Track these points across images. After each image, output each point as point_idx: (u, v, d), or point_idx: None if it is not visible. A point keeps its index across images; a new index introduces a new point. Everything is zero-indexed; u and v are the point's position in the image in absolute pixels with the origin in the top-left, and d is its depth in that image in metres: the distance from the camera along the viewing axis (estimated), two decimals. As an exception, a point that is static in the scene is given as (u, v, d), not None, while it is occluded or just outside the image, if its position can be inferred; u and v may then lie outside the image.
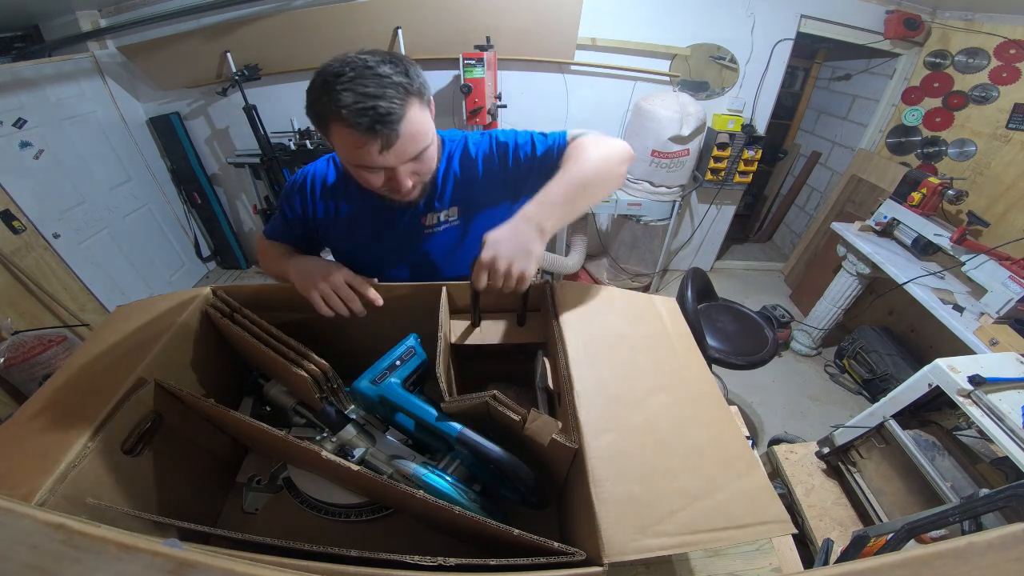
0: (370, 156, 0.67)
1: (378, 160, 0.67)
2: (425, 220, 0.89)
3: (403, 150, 0.68)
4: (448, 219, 0.90)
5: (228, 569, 0.30)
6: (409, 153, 0.69)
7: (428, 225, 0.89)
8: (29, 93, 2.20)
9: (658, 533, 0.44)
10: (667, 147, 2.50)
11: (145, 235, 2.89)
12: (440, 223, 0.90)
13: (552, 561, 0.43)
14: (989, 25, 2.25)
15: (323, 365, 0.66)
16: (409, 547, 0.43)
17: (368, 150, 0.66)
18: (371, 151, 0.66)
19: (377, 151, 0.66)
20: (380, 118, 0.63)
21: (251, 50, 2.46)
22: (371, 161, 0.68)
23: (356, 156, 0.68)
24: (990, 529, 0.33)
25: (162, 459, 0.62)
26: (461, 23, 2.39)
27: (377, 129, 0.63)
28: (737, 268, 3.68)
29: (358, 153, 0.67)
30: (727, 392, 2.35)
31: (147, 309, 0.71)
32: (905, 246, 2.24)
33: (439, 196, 0.88)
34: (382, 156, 0.67)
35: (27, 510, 0.30)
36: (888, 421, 1.31)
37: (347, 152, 0.69)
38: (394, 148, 0.67)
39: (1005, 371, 1.15)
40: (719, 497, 0.47)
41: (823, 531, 1.36)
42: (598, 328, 0.70)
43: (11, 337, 1.91)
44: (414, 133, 0.68)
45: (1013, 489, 0.85)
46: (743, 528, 0.44)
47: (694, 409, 0.57)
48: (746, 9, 2.50)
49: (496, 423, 0.62)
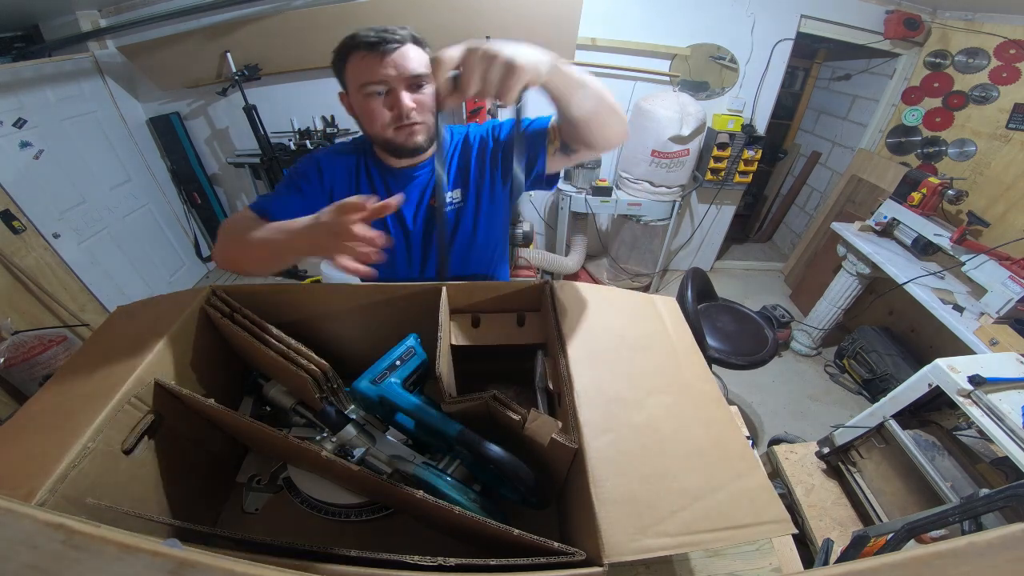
0: (373, 67, 0.77)
1: (380, 71, 0.77)
2: (435, 202, 0.93)
3: (403, 64, 0.78)
4: (453, 200, 0.94)
5: (228, 569, 0.30)
6: (409, 69, 0.78)
7: (435, 206, 0.93)
8: (29, 93, 2.20)
9: (658, 533, 0.44)
10: (667, 147, 2.50)
11: (145, 235, 2.89)
12: (446, 204, 0.93)
13: (552, 561, 0.43)
14: (989, 25, 2.25)
15: (323, 365, 0.66)
16: (409, 547, 0.43)
17: (372, 60, 0.77)
18: (375, 61, 0.77)
19: (380, 60, 0.77)
20: (385, 33, 0.77)
21: (251, 50, 2.46)
22: (374, 73, 0.77)
23: (362, 72, 0.78)
24: (990, 529, 0.33)
25: (162, 459, 0.62)
26: (461, 23, 2.39)
27: (383, 37, 0.76)
28: (737, 268, 3.68)
29: (365, 66, 0.78)
30: (727, 392, 2.35)
31: (147, 309, 0.71)
32: (905, 246, 2.24)
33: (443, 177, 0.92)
34: (383, 66, 0.77)
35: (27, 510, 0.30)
36: (888, 421, 1.31)
37: (356, 73, 0.79)
38: (393, 58, 0.77)
39: (1005, 371, 1.15)
40: (719, 497, 0.47)
41: (823, 531, 1.36)
42: (598, 328, 0.69)
43: (11, 337, 1.90)
44: (413, 56, 0.79)
45: (1013, 489, 0.85)
46: (743, 528, 0.44)
47: (694, 409, 0.57)
48: (746, 9, 2.50)
49: (496, 423, 0.62)
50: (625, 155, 2.78)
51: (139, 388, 0.58)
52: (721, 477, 0.48)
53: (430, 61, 0.60)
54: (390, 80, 0.78)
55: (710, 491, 0.47)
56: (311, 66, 2.56)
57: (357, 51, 0.78)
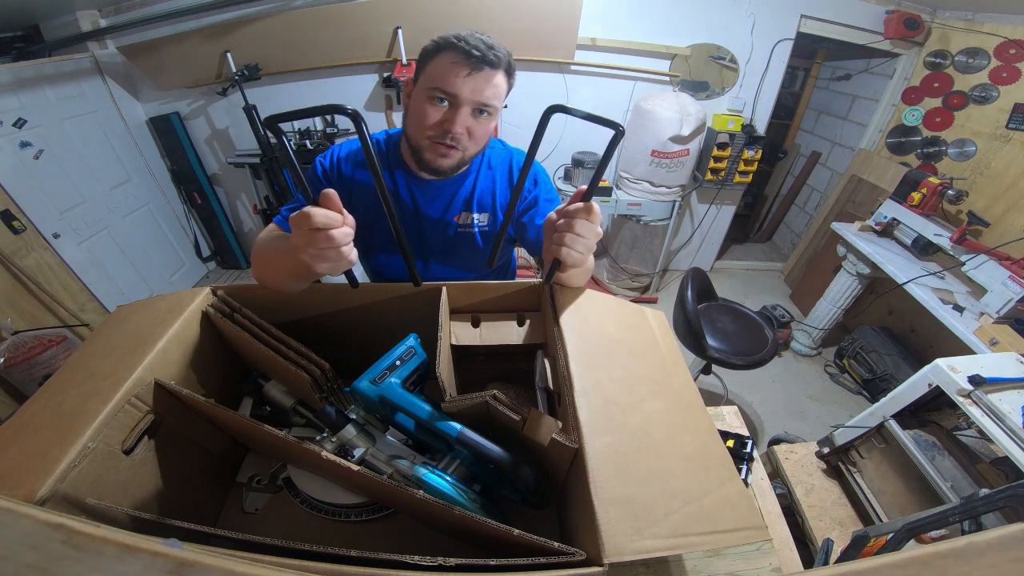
0: (456, 77, 0.74)
1: (459, 83, 0.74)
2: (459, 218, 0.92)
3: (481, 87, 0.75)
4: (479, 224, 0.93)
5: (228, 569, 0.30)
6: (484, 95, 0.76)
7: (461, 224, 0.93)
8: (29, 93, 2.20)
9: (654, 535, 0.45)
10: (667, 147, 2.50)
11: (145, 235, 2.89)
12: (473, 224, 0.93)
13: (552, 561, 0.43)
14: (989, 25, 2.25)
15: (323, 365, 0.66)
16: (409, 547, 0.43)
17: (459, 70, 0.74)
18: (460, 71, 0.74)
19: (466, 73, 0.74)
20: (488, 49, 0.74)
21: (251, 50, 2.46)
22: (453, 83, 0.74)
23: (444, 74, 0.75)
24: (990, 529, 0.33)
25: (162, 459, 0.62)
26: (461, 23, 2.39)
27: (482, 53, 0.73)
28: (737, 268, 3.68)
29: (449, 70, 0.74)
30: (727, 392, 2.35)
31: (147, 309, 0.71)
32: (905, 246, 2.24)
33: (475, 197, 0.91)
34: (464, 80, 0.74)
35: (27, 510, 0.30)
36: (888, 421, 1.31)
37: (437, 71, 0.76)
38: (477, 78, 0.75)
39: (1005, 371, 1.15)
40: (705, 502, 0.48)
41: (823, 531, 1.36)
42: (595, 332, 0.70)
43: (11, 337, 1.91)
44: (495, 84, 0.77)
45: (1013, 489, 0.85)
46: (727, 533, 0.46)
47: (683, 417, 0.58)
48: (746, 9, 2.50)
49: (496, 423, 0.62)
50: (625, 155, 2.78)
51: (139, 388, 0.58)
52: (707, 483, 0.50)
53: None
54: (461, 97, 0.75)
55: (698, 496, 0.48)
56: (311, 66, 2.56)
57: (452, 52, 0.74)
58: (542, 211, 0.88)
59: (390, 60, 2.52)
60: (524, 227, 0.90)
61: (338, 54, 2.52)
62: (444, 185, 0.91)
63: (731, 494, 0.48)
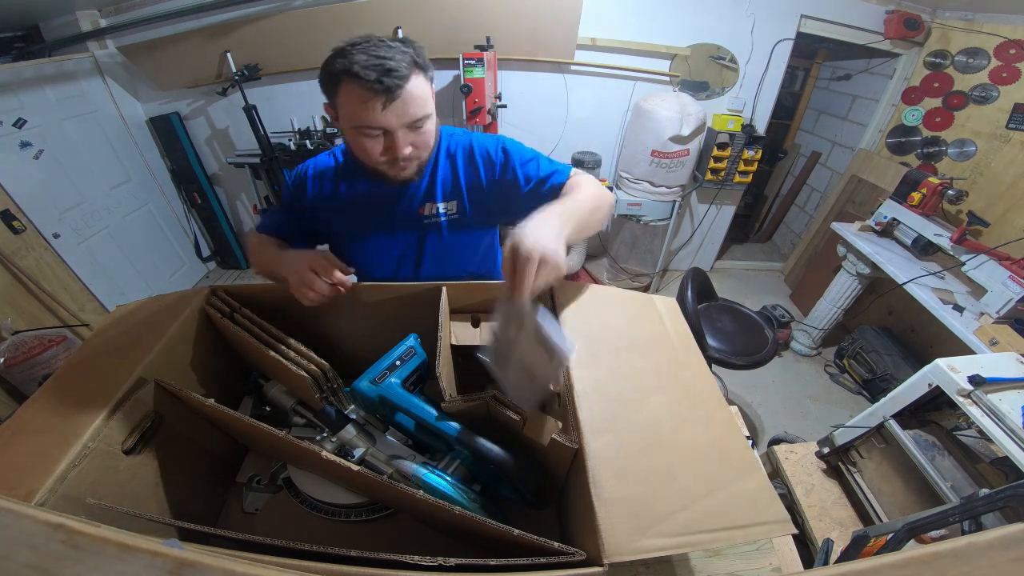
0: (373, 113, 0.71)
1: (379, 118, 0.71)
2: (424, 210, 0.91)
3: (404, 110, 0.72)
4: (448, 212, 0.92)
5: (228, 569, 0.30)
6: (410, 115, 0.73)
7: (427, 215, 0.92)
8: (29, 93, 2.20)
9: (658, 533, 0.44)
10: (667, 147, 2.50)
11: (145, 235, 2.89)
12: (439, 214, 0.92)
13: (552, 561, 0.43)
14: (989, 25, 2.25)
15: (323, 365, 0.66)
16: (409, 547, 0.43)
17: (372, 105, 0.70)
18: (375, 107, 0.70)
19: (380, 107, 0.70)
20: (387, 72, 0.69)
21: (251, 50, 2.46)
22: (373, 119, 0.72)
23: (360, 113, 0.72)
24: (990, 529, 0.33)
25: (162, 459, 0.62)
26: (461, 23, 2.39)
27: (384, 82, 0.68)
28: (737, 268, 3.68)
29: (363, 109, 0.71)
30: (727, 392, 2.35)
31: (147, 309, 0.71)
32: (905, 246, 2.24)
33: (437, 187, 0.90)
34: (384, 113, 0.71)
35: (27, 510, 0.30)
36: (888, 421, 1.31)
37: (352, 110, 0.73)
38: (395, 105, 0.71)
39: (1005, 371, 1.14)
40: (719, 497, 0.47)
41: (823, 531, 1.36)
42: (598, 328, 0.70)
43: (11, 337, 1.91)
44: (416, 96, 0.73)
45: (1013, 489, 0.85)
46: (743, 529, 0.44)
47: (694, 409, 0.57)
48: (746, 9, 2.50)
49: (496, 423, 0.62)
50: (625, 155, 2.78)
51: (139, 388, 0.58)
52: (721, 477, 0.48)
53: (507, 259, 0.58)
54: (391, 127, 0.73)
55: (710, 491, 0.47)
56: (311, 66, 2.56)
57: (353, 85, 0.70)
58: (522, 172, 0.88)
59: (390, 60, 2.51)
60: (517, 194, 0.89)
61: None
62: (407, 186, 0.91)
63: (749, 488, 0.47)
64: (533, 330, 0.56)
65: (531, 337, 0.57)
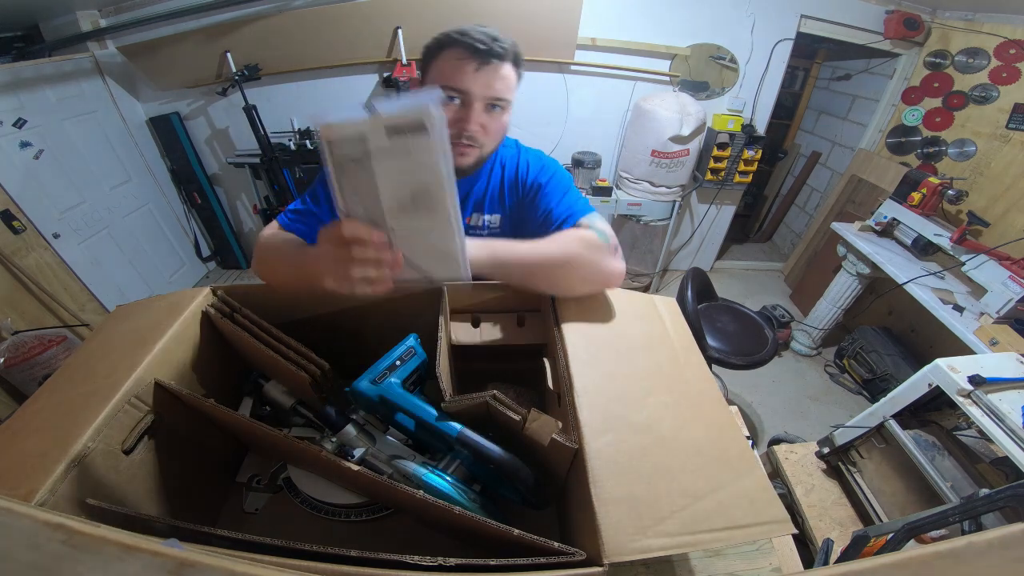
0: (464, 73, 0.72)
1: (468, 79, 0.72)
2: (470, 220, 0.91)
3: (492, 81, 0.73)
4: (491, 225, 0.91)
5: (228, 569, 0.30)
6: (495, 89, 0.74)
7: (472, 225, 0.92)
8: (29, 93, 2.19)
9: (658, 533, 0.44)
10: (667, 147, 2.50)
11: (145, 235, 2.89)
12: (484, 226, 0.91)
13: (552, 561, 0.43)
14: (989, 25, 2.25)
15: (323, 365, 0.66)
16: (409, 547, 0.43)
17: (466, 65, 0.72)
18: (469, 67, 0.72)
19: (473, 68, 0.72)
20: (493, 41, 0.72)
21: (251, 50, 2.46)
22: (461, 79, 0.72)
23: (451, 73, 0.73)
24: (990, 529, 0.33)
25: (162, 459, 0.62)
26: (461, 23, 2.39)
27: (488, 46, 0.71)
28: (737, 268, 3.68)
29: (456, 68, 0.73)
30: (727, 392, 2.35)
31: (147, 309, 0.71)
32: (905, 246, 2.24)
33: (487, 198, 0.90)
34: (474, 76, 0.72)
35: (27, 510, 0.30)
36: (888, 421, 1.31)
37: (443, 70, 0.74)
38: (487, 71, 0.72)
39: (1005, 371, 1.15)
40: (719, 497, 0.47)
41: (823, 531, 1.36)
42: (598, 328, 0.69)
43: (11, 337, 1.91)
44: (505, 77, 0.75)
45: (1013, 489, 0.85)
46: (743, 528, 0.44)
47: (694, 409, 0.57)
48: (746, 9, 2.50)
49: (496, 423, 0.62)
50: (625, 155, 2.78)
51: (139, 388, 0.58)
52: (721, 477, 0.48)
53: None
54: (473, 94, 0.73)
55: (710, 491, 0.47)
56: (311, 66, 2.56)
57: (456, 48, 0.72)
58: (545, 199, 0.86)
59: (390, 60, 2.52)
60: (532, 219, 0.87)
61: (338, 54, 2.52)
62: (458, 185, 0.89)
63: (749, 488, 0.47)
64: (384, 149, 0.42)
65: (386, 166, 0.43)
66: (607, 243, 0.76)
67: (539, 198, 0.86)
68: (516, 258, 0.68)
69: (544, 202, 0.85)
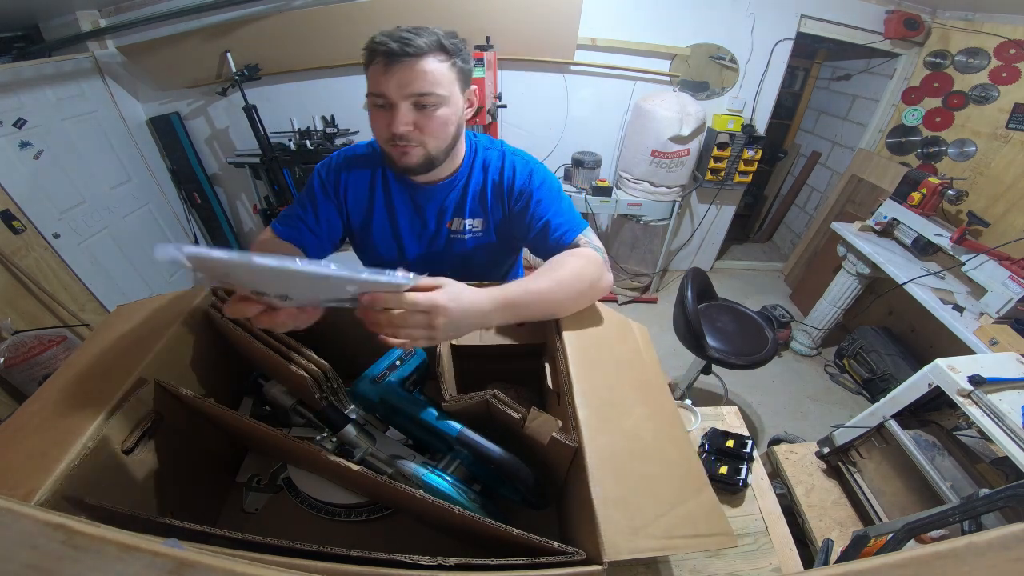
0: (376, 76, 0.72)
1: (381, 83, 0.71)
2: (452, 224, 0.91)
3: (406, 80, 0.71)
4: (472, 229, 0.91)
5: (228, 569, 0.30)
6: (412, 87, 0.71)
7: (454, 230, 0.91)
8: (29, 93, 2.19)
9: (648, 535, 0.45)
10: (667, 147, 2.50)
11: (145, 235, 2.89)
12: (465, 231, 0.91)
13: (552, 560, 0.43)
14: (989, 25, 2.25)
15: (323, 365, 0.66)
16: (409, 547, 0.43)
17: (377, 69, 0.72)
18: (379, 71, 0.71)
19: (386, 71, 0.71)
20: (399, 40, 0.70)
21: (251, 50, 2.46)
22: (375, 84, 0.72)
23: (372, 78, 0.73)
24: (990, 529, 0.33)
25: (162, 459, 0.62)
26: (461, 23, 2.39)
27: (389, 46, 0.69)
28: (737, 268, 3.68)
29: (371, 74, 0.73)
30: (727, 392, 2.34)
31: (147, 309, 0.71)
32: (905, 246, 2.24)
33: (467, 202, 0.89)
34: (385, 78, 0.71)
35: (27, 510, 0.30)
36: (888, 421, 1.31)
37: (369, 76, 0.74)
38: (397, 71, 0.70)
39: (1005, 371, 1.14)
40: (689, 506, 0.49)
41: (823, 531, 1.36)
42: (591, 336, 0.70)
43: (11, 337, 1.90)
44: (425, 72, 0.71)
45: (1013, 489, 0.85)
46: (705, 537, 0.47)
47: (666, 427, 0.59)
48: (746, 9, 2.50)
49: (496, 423, 0.62)
50: (625, 155, 2.78)
51: (139, 388, 0.58)
52: (687, 490, 0.51)
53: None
54: (390, 95, 0.72)
55: (681, 501, 0.50)
56: (311, 66, 2.56)
57: (374, 54, 0.72)
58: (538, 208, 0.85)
59: (390, 60, 2.51)
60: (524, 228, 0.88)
61: (338, 54, 2.51)
62: (438, 189, 0.89)
63: (705, 502, 0.50)
64: None
65: None
66: (604, 258, 0.80)
67: (532, 206, 0.85)
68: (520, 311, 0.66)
69: (540, 210, 0.85)
